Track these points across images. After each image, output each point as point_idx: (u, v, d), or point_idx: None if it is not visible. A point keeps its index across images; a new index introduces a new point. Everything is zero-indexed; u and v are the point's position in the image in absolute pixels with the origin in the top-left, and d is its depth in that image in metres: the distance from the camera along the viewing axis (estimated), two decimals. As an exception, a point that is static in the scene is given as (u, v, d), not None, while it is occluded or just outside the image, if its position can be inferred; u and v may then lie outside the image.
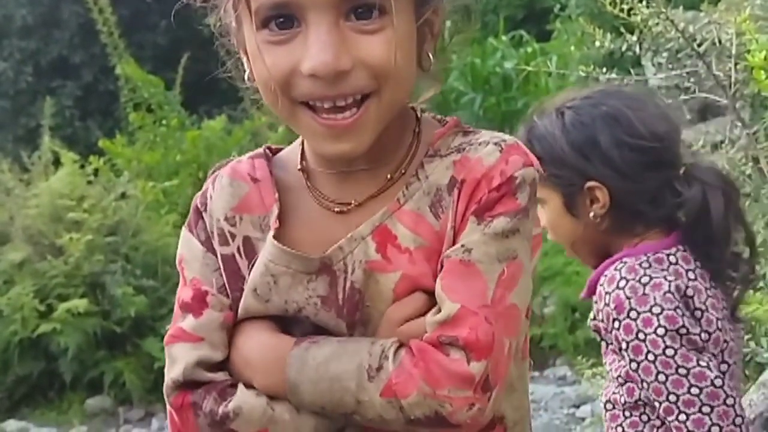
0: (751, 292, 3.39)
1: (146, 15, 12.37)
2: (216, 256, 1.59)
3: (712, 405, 1.99)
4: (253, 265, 1.56)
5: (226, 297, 1.58)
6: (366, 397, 1.46)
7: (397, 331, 1.50)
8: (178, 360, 1.54)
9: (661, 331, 1.99)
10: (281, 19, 1.45)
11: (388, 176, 1.57)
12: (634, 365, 2.03)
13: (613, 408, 2.15)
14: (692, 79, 4.20)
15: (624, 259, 2.09)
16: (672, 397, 1.99)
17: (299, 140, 1.66)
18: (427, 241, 1.52)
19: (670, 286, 2.03)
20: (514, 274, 1.49)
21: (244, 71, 1.58)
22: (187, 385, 1.53)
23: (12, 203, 8.22)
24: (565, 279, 8.18)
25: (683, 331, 2.00)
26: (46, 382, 7.50)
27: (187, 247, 1.62)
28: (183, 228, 1.65)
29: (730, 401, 1.99)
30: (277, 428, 1.50)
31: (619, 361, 2.11)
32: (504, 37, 11.32)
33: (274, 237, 1.54)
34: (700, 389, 1.98)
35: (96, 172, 8.73)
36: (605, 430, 2.20)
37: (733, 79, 3.70)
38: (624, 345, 2.02)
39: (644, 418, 2.10)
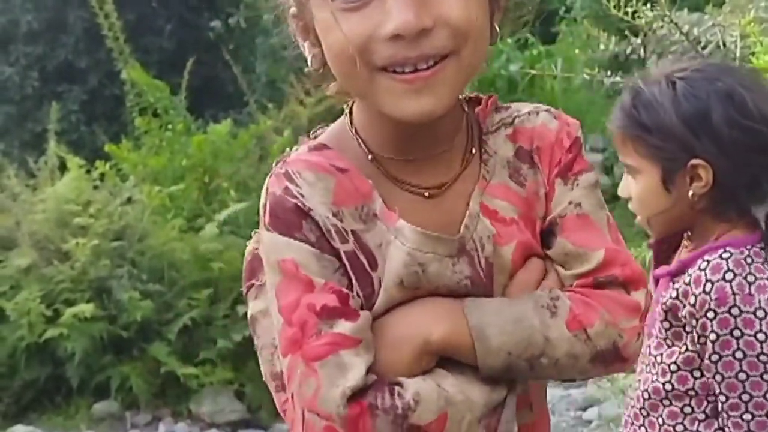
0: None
1: (152, 19, 12.36)
2: (332, 256, 1.54)
3: None
4: (371, 260, 1.53)
5: (357, 296, 1.54)
6: (554, 333, 1.49)
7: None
8: (351, 366, 1.47)
9: (761, 336, 1.96)
10: None
11: (463, 157, 1.61)
12: (715, 357, 1.99)
13: (651, 398, 2.11)
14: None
15: (728, 249, 2.02)
16: (745, 396, 1.97)
17: (341, 130, 1.64)
18: (520, 209, 1.60)
19: None
20: (611, 218, 1.64)
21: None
22: (362, 391, 1.47)
23: (18, 209, 8.21)
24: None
25: None
26: (53, 386, 7.49)
27: (294, 251, 1.53)
28: (270, 235, 1.55)
29: None
30: (454, 409, 1.48)
31: (680, 347, 2.08)
32: (509, 40, 11.30)
33: None
34: None
35: (102, 176, 8.72)
36: (632, 421, 2.16)
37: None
38: (712, 336, 1.97)
39: (687, 409, 2.07)
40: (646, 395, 2.11)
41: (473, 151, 1.62)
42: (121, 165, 9.38)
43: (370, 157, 1.59)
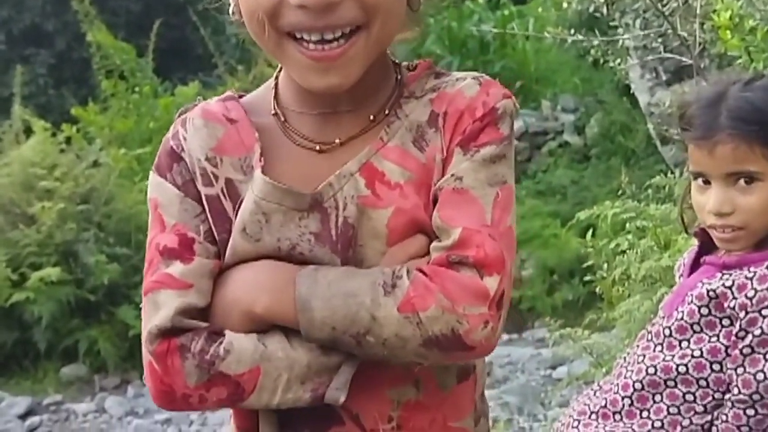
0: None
1: (119, -19, 12.28)
2: (197, 201, 1.54)
3: None
4: (238, 207, 1.52)
5: (211, 244, 1.53)
6: (382, 312, 1.43)
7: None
8: (164, 306, 1.48)
9: None
10: None
11: (371, 117, 1.56)
12: (747, 350, 1.98)
13: (656, 374, 2.09)
14: (659, 40, 4.18)
15: None
16: (756, 396, 1.97)
17: (267, 84, 1.63)
18: (415, 174, 1.52)
19: None
20: (507, 197, 1.52)
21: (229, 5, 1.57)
22: (173, 331, 1.47)
23: (-17, 172, 8.16)
24: (542, 242, 8.20)
25: None
26: (20, 351, 7.47)
27: (161, 191, 1.55)
28: (152, 172, 1.59)
29: None
30: (270, 365, 1.46)
31: (710, 336, 2.05)
32: (481, 0, 11.26)
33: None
34: None
35: (68, 140, 8.67)
36: (619, 384, 2.14)
37: (698, 39, 3.67)
38: (757, 332, 1.96)
39: (689, 397, 2.05)
40: (651, 370, 2.09)
41: (386, 112, 1.57)
42: (87, 128, 9.33)
43: (273, 111, 1.58)
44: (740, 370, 1.99)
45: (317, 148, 1.55)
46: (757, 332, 1.96)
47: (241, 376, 1.46)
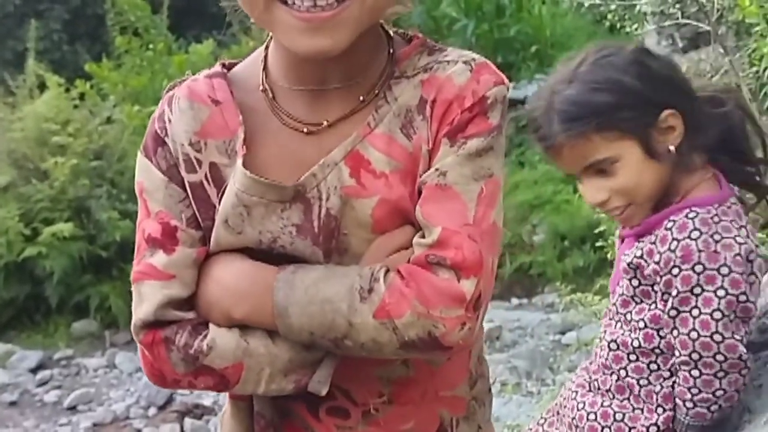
0: None
1: (135, -64, 12.21)
2: (181, 186, 1.53)
3: (728, 372, 1.99)
4: (223, 193, 1.51)
5: (195, 230, 1.52)
6: (359, 318, 1.43)
7: (385, 261, 1.48)
8: (147, 298, 1.50)
9: (721, 293, 1.97)
10: None
11: (361, 97, 1.52)
12: (673, 312, 2.01)
13: (618, 349, 2.12)
14: (677, 6, 4.15)
15: (694, 209, 2.02)
16: (695, 355, 1.99)
17: (257, 55, 1.59)
18: (401, 163, 1.50)
19: (740, 249, 1.99)
20: (492, 192, 1.49)
21: None
22: (157, 323, 1.49)
23: (-3, 127, 8.18)
24: (554, 207, 8.18)
25: (743, 298, 1.98)
26: (32, 305, 7.53)
27: (147, 175, 1.54)
28: (139, 153, 1.57)
29: (744, 371, 2.00)
30: (252, 361, 1.48)
31: (649, 305, 2.07)
32: (497, -38, 11.18)
33: (244, 164, 1.48)
34: (725, 358, 1.98)
35: (82, 96, 8.66)
36: (599, 365, 2.17)
37: (716, 6, 3.65)
38: (674, 292, 1.99)
39: (653, 366, 2.09)
40: (613, 345, 2.12)
41: (376, 92, 1.52)
42: (101, 84, 9.32)
43: (261, 87, 1.54)
44: (675, 332, 2.02)
45: (305, 130, 1.52)
46: (674, 293, 1.99)
47: (225, 370, 1.48)
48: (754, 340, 2.11)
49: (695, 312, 1.98)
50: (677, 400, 2.05)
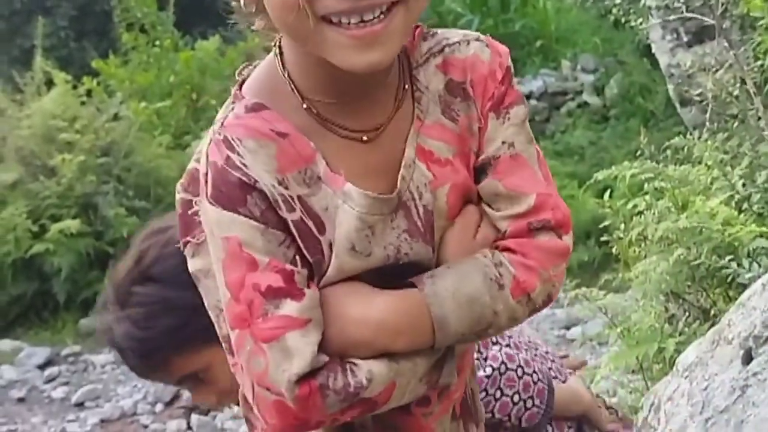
0: (735, 213, 3.39)
1: (141, -67, 12.21)
2: (278, 228, 1.46)
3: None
4: (318, 225, 1.48)
5: (304, 268, 1.48)
6: (501, 305, 1.50)
7: (473, 243, 1.54)
8: (297, 352, 1.44)
9: None
10: None
11: (397, 95, 1.54)
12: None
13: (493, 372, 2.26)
14: (682, 0, 4.15)
15: None
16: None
17: (272, 74, 1.53)
18: (456, 147, 1.55)
19: None
20: (540, 152, 1.60)
21: None
22: (311, 374, 1.44)
23: (5, 124, 8.20)
24: (559, 202, 8.18)
25: None
26: (39, 302, 7.54)
27: (239, 228, 1.45)
28: (213, 208, 1.47)
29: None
30: (402, 378, 1.49)
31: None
32: (502, -42, 11.18)
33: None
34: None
35: (89, 92, 8.67)
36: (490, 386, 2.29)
37: (721, 0, 3.66)
38: None
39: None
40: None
41: (405, 87, 1.54)
42: (108, 81, 9.33)
43: (304, 105, 1.50)
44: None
45: (363, 138, 1.51)
46: None
47: (378, 396, 1.48)
48: (758, 334, 2.12)
49: None
50: None
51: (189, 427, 5.91)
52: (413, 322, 1.49)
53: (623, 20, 4.55)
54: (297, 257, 1.48)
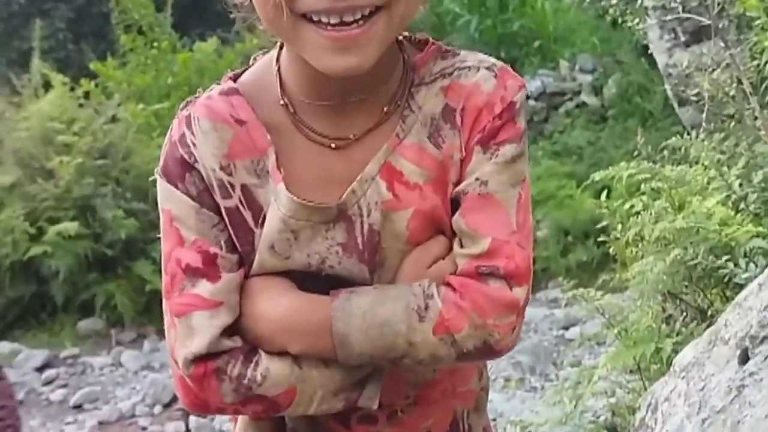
0: (732, 213, 3.39)
1: (139, -65, 12.22)
2: (214, 211, 1.48)
3: None
4: (258, 216, 1.48)
5: (233, 254, 1.49)
6: (418, 338, 1.43)
7: (425, 273, 1.48)
8: (199, 331, 1.45)
9: None
10: None
11: (384, 108, 1.50)
12: None
13: None
14: (678, 0, 4.16)
15: None
16: None
17: (267, 67, 1.55)
18: (432, 173, 1.49)
19: None
20: (527, 195, 1.51)
21: None
22: (210, 355, 1.46)
23: (2, 126, 8.20)
24: (558, 203, 8.21)
25: None
26: (38, 304, 7.54)
27: (174, 201, 1.49)
28: (160, 179, 1.51)
29: None
30: (306, 385, 1.47)
31: None
32: (500, -43, 11.18)
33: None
34: None
35: (87, 94, 8.67)
36: None
37: (717, 0, 3.66)
38: None
39: None
40: None
41: (398, 103, 1.50)
42: (106, 83, 9.34)
43: (282, 102, 1.50)
44: None
45: (332, 145, 1.49)
46: None
47: (277, 396, 1.47)
48: (754, 334, 2.11)
49: None
50: None
51: (188, 429, 5.91)
52: (311, 329, 1.46)
53: (621, 20, 4.56)
54: (226, 242, 1.48)
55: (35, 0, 12.64)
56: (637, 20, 4.52)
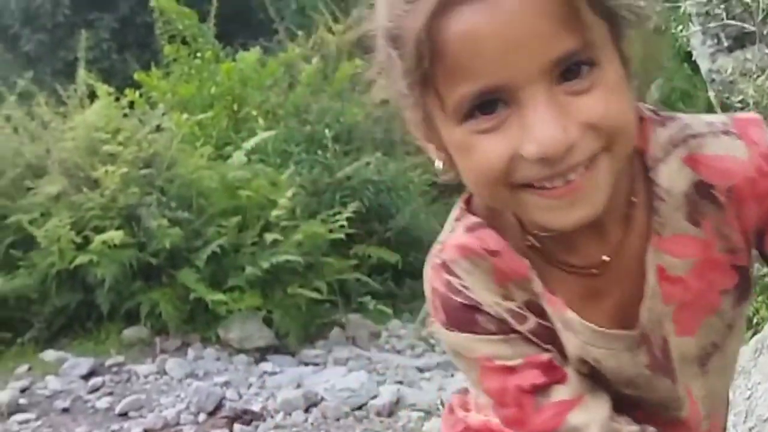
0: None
1: (182, -54, 12.33)
2: (517, 333, 1.45)
3: None
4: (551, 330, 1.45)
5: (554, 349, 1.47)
6: None
7: None
8: (585, 427, 1.44)
9: None
10: (486, 104, 1.24)
11: (626, 212, 1.41)
12: None
13: None
14: (722, 6, 4.13)
15: None
16: None
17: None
18: (697, 257, 1.42)
19: None
20: None
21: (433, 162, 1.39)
22: None
23: (49, 136, 8.26)
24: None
25: None
26: (83, 313, 7.57)
27: (483, 345, 1.45)
28: (451, 333, 1.47)
29: None
30: None
31: None
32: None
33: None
34: None
35: (131, 104, 8.74)
36: None
37: (761, 5, 3.64)
38: None
39: None
40: None
41: (633, 199, 1.40)
42: (150, 93, 9.41)
43: (528, 243, 1.43)
44: None
45: (593, 271, 1.42)
46: None
47: None
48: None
49: None
50: None
51: (232, 437, 5.93)
52: None
53: (663, 27, 4.54)
54: (546, 346, 1.46)
55: (80, 11, 12.77)
56: (680, 26, 4.50)
